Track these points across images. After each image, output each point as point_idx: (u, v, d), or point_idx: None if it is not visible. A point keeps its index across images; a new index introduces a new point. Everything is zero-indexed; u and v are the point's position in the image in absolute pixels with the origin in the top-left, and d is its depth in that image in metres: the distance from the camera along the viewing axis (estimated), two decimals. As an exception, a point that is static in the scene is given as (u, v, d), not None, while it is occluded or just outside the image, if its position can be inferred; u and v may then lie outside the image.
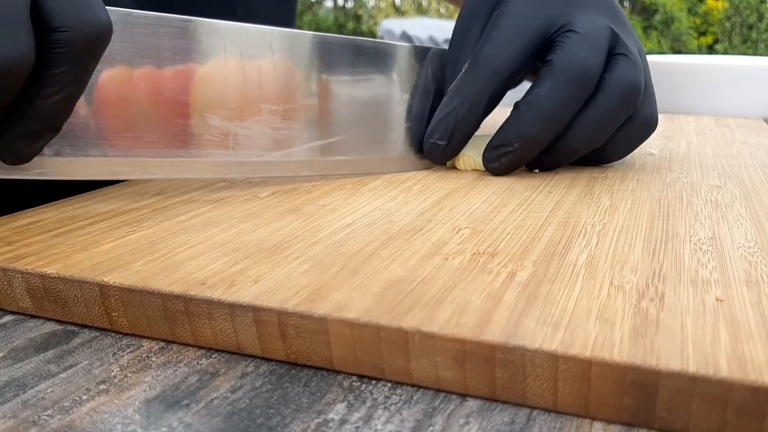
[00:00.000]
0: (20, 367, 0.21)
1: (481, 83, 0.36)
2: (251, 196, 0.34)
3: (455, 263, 0.24)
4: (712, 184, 0.36)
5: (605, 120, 0.36)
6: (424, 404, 0.19)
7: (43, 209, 0.32)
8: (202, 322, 0.22)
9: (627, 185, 0.36)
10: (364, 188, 0.35)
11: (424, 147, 0.39)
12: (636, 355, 0.18)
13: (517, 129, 0.36)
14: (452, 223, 0.29)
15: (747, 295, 0.21)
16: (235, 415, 0.18)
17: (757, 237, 0.27)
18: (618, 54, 0.36)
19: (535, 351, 0.18)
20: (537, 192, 0.34)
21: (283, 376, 0.21)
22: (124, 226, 0.29)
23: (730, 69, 0.71)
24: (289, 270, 0.24)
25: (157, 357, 0.22)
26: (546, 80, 0.35)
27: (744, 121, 0.61)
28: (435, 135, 0.38)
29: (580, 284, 0.22)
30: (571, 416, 0.18)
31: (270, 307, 0.21)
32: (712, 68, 0.72)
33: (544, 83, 0.35)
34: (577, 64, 0.35)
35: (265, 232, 0.28)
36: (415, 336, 0.19)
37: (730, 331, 0.19)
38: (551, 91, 0.35)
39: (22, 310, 0.25)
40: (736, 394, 0.17)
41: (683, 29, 4.47)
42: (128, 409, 0.19)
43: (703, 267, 0.24)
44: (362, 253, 0.25)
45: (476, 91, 0.37)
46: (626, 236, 0.27)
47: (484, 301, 0.21)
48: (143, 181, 0.38)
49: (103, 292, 0.23)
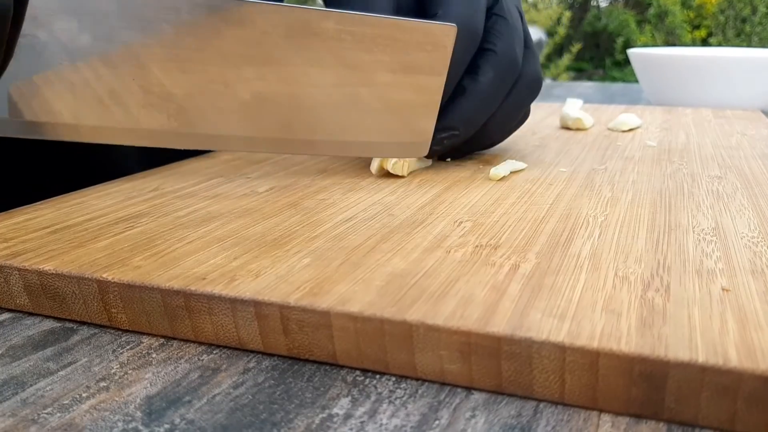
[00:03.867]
0: (19, 365, 0.21)
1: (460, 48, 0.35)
2: (249, 191, 0.34)
3: (458, 256, 0.24)
4: (713, 175, 0.36)
5: (518, 108, 0.38)
6: (429, 398, 0.19)
7: (40, 206, 0.32)
8: (202, 318, 0.22)
9: (627, 177, 0.36)
10: (364, 182, 0.35)
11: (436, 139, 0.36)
12: (644, 346, 0.17)
13: (465, 114, 0.36)
14: (453, 216, 0.29)
15: (753, 284, 0.21)
16: (238, 411, 0.18)
17: (760, 227, 0.27)
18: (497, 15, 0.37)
19: (541, 343, 0.18)
20: (537, 185, 0.34)
21: (285, 371, 0.20)
22: (122, 222, 0.29)
23: (727, 61, 0.71)
24: (291, 264, 0.23)
25: (157, 353, 0.21)
26: (488, 69, 0.36)
27: (742, 113, 0.60)
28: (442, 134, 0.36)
29: (585, 276, 0.22)
30: (578, 408, 0.18)
31: (272, 301, 0.21)
32: (709, 60, 0.71)
33: (487, 72, 0.36)
34: (513, 55, 0.36)
35: (265, 226, 0.28)
36: (420, 329, 0.19)
37: (737, 320, 0.19)
38: (494, 79, 0.36)
39: (20, 307, 0.25)
40: (746, 383, 0.16)
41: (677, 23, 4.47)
42: (129, 406, 0.18)
43: (707, 257, 0.24)
44: (364, 247, 0.25)
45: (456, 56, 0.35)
46: (629, 227, 0.27)
47: (489, 293, 0.21)
48: (140, 176, 0.38)
49: (101, 288, 0.23)
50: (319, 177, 0.37)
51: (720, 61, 0.71)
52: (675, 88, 0.75)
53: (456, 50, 0.34)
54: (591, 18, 5.21)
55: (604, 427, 0.17)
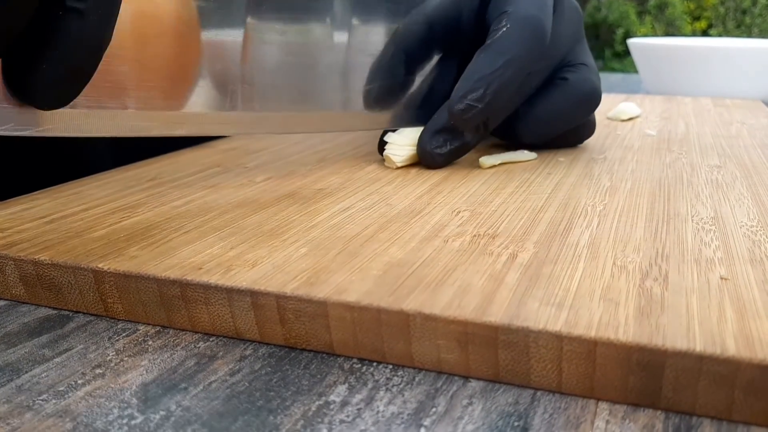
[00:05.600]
0: (14, 352, 0.21)
1: (527, 46, 0.33)
2: (247, 180, 0.34)
3: (455, 245, 0.24)
4: (712, 164, 0.36)
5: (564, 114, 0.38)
6: (426, 385, 0.19)
7: (36, 196, 0.32)
8: (199, 308, 0.22)
9: (626, 166, 0.36)
10: (361, 172, 0.35)
11: (453, 107, 0.33)
12: (642, 335, 0.17)
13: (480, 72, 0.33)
14: (451, 205, 0.29)
15: (752, 273, 0.21)
16: (234, 398, 0.18)
17: (759, 216, 0.27)
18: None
19: (538, 332, 0.18)
20: (536, 174, 0.34)
21: (282, 358, 0.20)
22: (118, 212, 0.29)
23: (727, 51, 0.71)
24: (287, 254, 0.23)
25: (153, 341, 0.21)
26: (505, 23, 0.33)
27: (742, 102, 0.60)
28: (470, 95, 0.33)
29: (583, 265, 0.22)
30: (575, 397, 0.18)
31: (268, 291, 0.21)
32: (709, 50, 0.71)
33: (505, 25, 0.33)
34: (532, 11, 0.34)
35: (262, 216, 0.28)
36: (417, 318, 0.19)
37: (736, 309, 0.19)
38: (512, 30, 0.33)
39: (15, 297, 0.24)
40: (743, 372, 0.16)
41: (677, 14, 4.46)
42: (125, 393, 0.18)
43: (706, 246, 0.24)
44: (361, 237, 0.25)
45: (522, 53, 0.33)
46: (627, 216, 0.27)
47: (486, 282, 0.21)
48: (137, 166, 0.38)
49: (97, 278, 0.23)
50: (317, 166, 0.36)
51: (720, 51, 0.71)
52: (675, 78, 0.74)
53: (523, 53, 0.33)
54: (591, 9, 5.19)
55: (602, 415, 0.17)
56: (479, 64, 0.33)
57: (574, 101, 0.38)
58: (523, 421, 0.17)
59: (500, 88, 0.33)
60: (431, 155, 0.35)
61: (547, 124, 0.38)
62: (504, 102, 0.34)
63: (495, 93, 0.33)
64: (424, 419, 0.17)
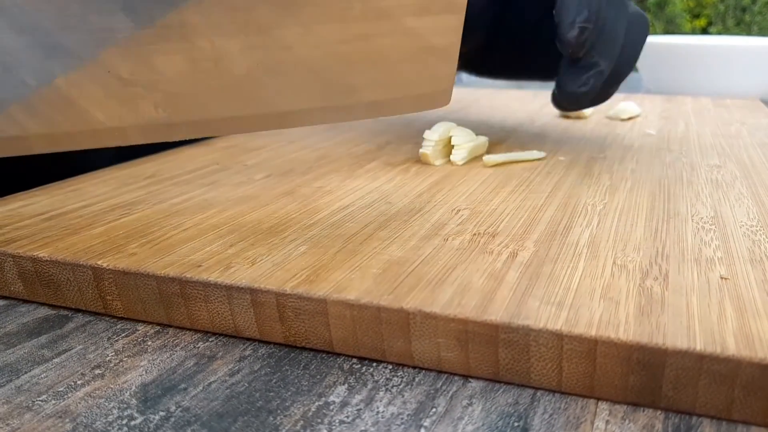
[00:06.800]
0: (13, 353, 0.21)
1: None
2: (246, 178, 0.34)
3: (455, 244, 0.24)
4: (712, 164, 0.36)
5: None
6: (426, 386, 0.19)
7: (35, 192, 0.32)
8: (198, 305, 0.22)
9: (626, 165, 0.36)
10: (361, 170, 0.35)
11: (566, 36, 0.33)
12: (642, 334, 0.17)
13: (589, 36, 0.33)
14: (451, 204, 0.29)
15: (752, 273, 0.21)
16: (234, 398, 0.18)
17: (759, 215, 0.27)
18: None
19: (539, 330, 0.18)
20: (535, 173, 0.34)
21: (282, 359, 0.20)
22: (117, 209, 0.29)
23: (727, 50, 0.70)
24: (287, 252, 0.23)
25: (152, 341, 0.21)
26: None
27: (741, 102, 0.60)
28: (578, 18, 0.33)
29: (583, 264, 0.22)
30: (575, 396, 0.18)
31: (268, 288, 0.20)
32: (709, 49, 0.71)
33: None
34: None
35: (261, 214, 0.28)
36: (417, 317, 0.19)
37: (736, 308, 0.19)
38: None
39: (14, 294, 0.24)
40: (743, 371, 0.16)
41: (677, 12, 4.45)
42: (124, 393, 0.18)
43: (706, 246, 0.23)
44: (361, 235, 0.25)
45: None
46: (628, 216, 0.27)
47: (486, 281, 0.21)
48: (136, 163, 0.37)
49: (96, 275, 0.23)
50: (316, 164, 0.36)
51: (720, 49, 0.71)
52: (675, 76, 0.74)
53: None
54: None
55: (601, 415, 0.17)
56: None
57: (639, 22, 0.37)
58: (523, 421, 0.17)
59: (600, 4, 0.33)
60: (576, 96, 0.35)
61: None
62: (608, 19, 0.34)
63: (598, 9, 0.33)
64: (424, 420, 0.17)
